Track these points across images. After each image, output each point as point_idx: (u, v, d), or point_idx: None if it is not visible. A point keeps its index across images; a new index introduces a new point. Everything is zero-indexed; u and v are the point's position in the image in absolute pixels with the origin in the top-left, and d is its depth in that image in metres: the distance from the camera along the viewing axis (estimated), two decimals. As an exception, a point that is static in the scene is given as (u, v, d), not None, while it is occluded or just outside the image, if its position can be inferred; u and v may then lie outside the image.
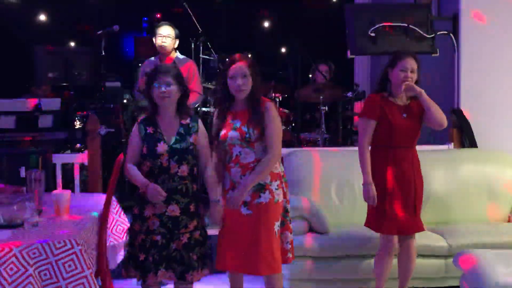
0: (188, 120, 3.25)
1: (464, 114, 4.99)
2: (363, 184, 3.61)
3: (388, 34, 4.85)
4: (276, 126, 3.26)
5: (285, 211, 3.34)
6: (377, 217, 3.66)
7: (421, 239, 3.79)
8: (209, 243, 3.33)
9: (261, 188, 3.22)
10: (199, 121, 3.31)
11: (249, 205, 3.22)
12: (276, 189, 3.26)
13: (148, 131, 3.18)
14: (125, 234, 3.41)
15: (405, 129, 3.59)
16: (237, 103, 3.30)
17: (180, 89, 3.21)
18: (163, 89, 3.13)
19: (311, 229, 4.06)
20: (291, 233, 3.39)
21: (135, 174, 3.15)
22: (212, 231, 3.44)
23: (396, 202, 3.59)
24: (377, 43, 4.83)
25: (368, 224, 3.73)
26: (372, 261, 3.82)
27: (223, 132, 3.26)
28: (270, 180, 3.25)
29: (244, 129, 3.22)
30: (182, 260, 3.15)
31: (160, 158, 3.13)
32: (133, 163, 3.19)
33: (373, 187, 3.59)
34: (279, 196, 3.27)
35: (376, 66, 7.13)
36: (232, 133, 3.23)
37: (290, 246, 3.36)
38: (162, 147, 3.14)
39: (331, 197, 4.38)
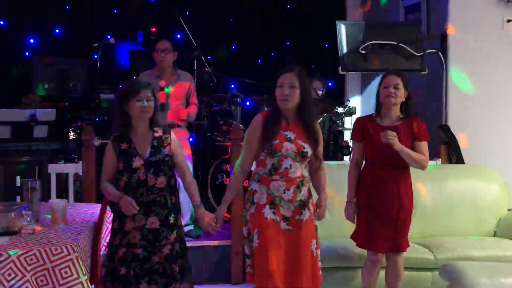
0: (160, 133, 3.26)
1: (451, 131, 5.10)
2: (346, 202, 3.73)
3: (378, 51, 4.97)
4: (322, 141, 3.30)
5: (316, 229, 3.31)
6: (358, 232, 3.75)
7: (408, 252, 3.84)
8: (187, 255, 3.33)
9: (302, 204, 3.21)
10: (171, 132, 3.31)
11: (289, 221, 3.17)
12: (311, 206, 3.26)
13: (122, 148, 3.18)
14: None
15: (389, 149, 3.59)
16: (288, 114, 3.22)
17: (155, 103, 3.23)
18: (145, 103, 3.13)
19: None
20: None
21: (109, 189, 3.16)
22: (190, 243, 3.40)
23: (377, 220, 3.66)
24: (367, 60, 4.95)
25: (352, 236, 3.81)
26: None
27: (276, 142, 3.16)
28: (308, 197, 3.25)
29: (301, 143, 3.17)
30: (164, 272, 3.16)
31: (137, 172, 3.14)
32: (108, 180, 3.20)
33: (353, 205, 3.70)
34: (313, 215, 3.26)
35: (367, 83, 7.26)
36: (287, 145, 3.16)
37: (320, 264, 3.31)
38: (138, 161, 3.14)
39: (321, 210, 4.45)
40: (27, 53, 7.55)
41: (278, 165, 3.15)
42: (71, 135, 6.04)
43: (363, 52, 4.93)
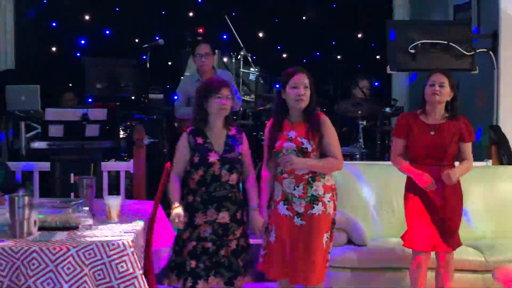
0: (234, 131, 3.40)
1: (502, 131, 5.01)
2: (415, 178, 3.64)
3: (428, 51, 4.92)
4: (334, 136, 3.35)
5: (333, 223, 3.38)
6: (407, 231, 3.75)
7: (458, 254, 3.81)
8: (250, 250, 3.43)
9: (315, 199, 3.28)
10: (243, 132, 3.46)
11: (303, 216, 3.28)
12: (328, 201, 3.31)
13: (198, 142, 3.31)
14: (169, 240, 3.55)
15: (432, 146, 3.63)
16: (293, 115, 3.36)
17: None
18: (224, 101, 3.27)
19: (349, 241, 4.14)
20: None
21: (173, 188, 3.29)
22: (254, 240, 3.52)
23: (423, 218, 3.64)
24: (416, 59, 4.90)
25: (402, 237, 3.81)
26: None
27: (278, 143, 3.32)
28: (323, 192, 3.31)
29: (300, 140, 3.28)
30: (230, 266, 3.28)
31: (212, 166, 3.27)
32: (179, 173, 3.34)
33: (426, 175, 3.60)
34: (330, 209, 3.32)
35: (414, 83, 7.18)
36: (287, 144, 3.29)
37: (329, 256, 3.41)
38: (213, 157, 3.28)
39: (369, 211, 4.45)
40: (78, 54, 7.75)
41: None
42: (121, 134, 6.17)
43: (412, 51, 4.89)
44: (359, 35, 8.24)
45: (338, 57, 7.58)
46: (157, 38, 6.40)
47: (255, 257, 3.46)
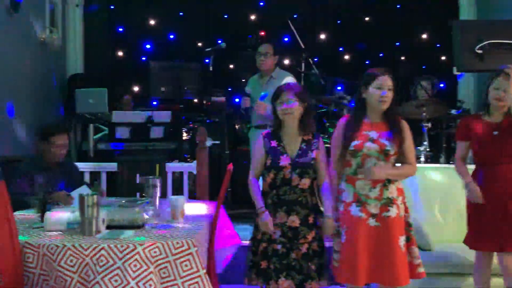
0: (310, 136, 3.40)
1: None
2: (465, 187, 3.62)
3: (495, 51, 4.77)
4: (412, 143, 3.35)
5: (409, 225, 3.34)
6: (470, 234, 3.67)
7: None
8: (327, 255, 3.42)
9: (390, 202, 3.26)
10: (320, 137, 3.44)
11: (377, 218, 3.24)
12: (400, 204, 3.30)
13: (272, 145, 3.36)
14: (231, 240, 3.60)
15: (496, 146, 3.58)
16: (373, 115, 3.34)
17: (302, 106, 3.35)
18: (284, 106, 3.31)
19: (413, 245, 4.06)
20: (417, 247, 3.36)
21: (256, 192, 3.35)
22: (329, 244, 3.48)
23: (489, 219, 3.56)
24: (484, 60, 4.77)
25: (465, 241, 3.72)
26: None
27: (357, 142, 3.27)
28: (397, 195, 3.29)
29: (383, 141, 3.26)
30: (301, 270, 3.30)
31: (283, 170, 3.30)
32: (256, 175, 3.40)
33: (475, 186, 3.56)
34: (402, 211, 3.30)
35: (481, 83, 6.97)
36: (369, 145, 3.25)
37: (419, 260, 3.33)
38: (285, 160, 3.31)
39: (434, 214, 4.36)
40: (143, 58, 7.94)
41: (361, 165, 3.25)
42: (185, 136, 6.29)
43: (479, 51, 4.76)
44: (424, 36, 8.07)
45: (402, 58, 7.45)
46: (219, 41, 6.47)
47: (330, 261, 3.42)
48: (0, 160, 4.56)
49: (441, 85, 7.20)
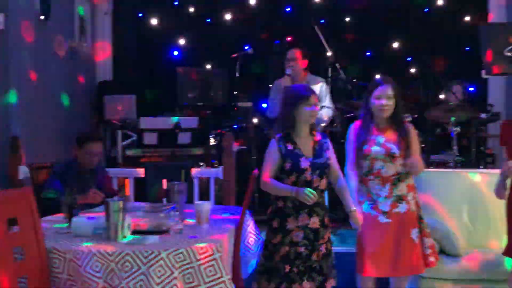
0: (319, 136, 3.43)
1: None
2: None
3: (525, 53, 4.69)
4: (418, 144, 3.61)
5: (420, 218, 3.58)
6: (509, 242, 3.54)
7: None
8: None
9: (399, 198, 3.52)
10: (327, 137, 3.53)
11: (388, 214, 3.49)
12: (411, 199, 3.54)
13: (288, 148, 3.35)
14: (256, 246, 3.59)
15: None
16: (379, 120, 3.57)
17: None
18: (313, 108, 3.33)
19: (442, 251, 4.00)
20: (429, 238, 3.59)
21: (278, 184, 3.34)
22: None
23: None
24: (514, 63, 4.69)
25: (506, 253, 3.57)
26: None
27: (366, 147, 3.52)
28: (407, 191, 3.54)
29: (389, 145, 3.51)
30: (321, 270, 3.33)
31: (304, 172, 3.31)
32: (271, 178, 3.37)
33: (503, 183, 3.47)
34: (414, 206, 3.54)
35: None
36: (376, 148, 3.51)
37: (430, 250, 3.55)
38: (305, 162, 3.32)
39: (463, 220, 4.30)
40: (171, 64, 7.97)
41: (371, 167, 3.51)
42: (212, 142, 6.31)
43: (509, 54, 4.69)
44: (453, 39, 7.96)
45: (431, 61, 7.35)
46: (246, 47, 6.49)
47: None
48: (29, 167, 4.64)
49: (471, 88, 7.09)
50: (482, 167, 6.01)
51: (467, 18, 7.76)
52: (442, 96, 6.67)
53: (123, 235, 2.85)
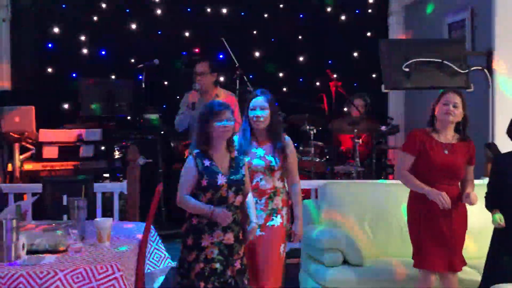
0: (235, 153, 3.41)
1: (498, 149, 4.98)
2: (428, 195, 3.53)
3: (422, 69, 4.91)
4: (295, 157, 3.72)
5: (286, 234, 3.64)
6: (415, 253, 3.68)
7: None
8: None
9: (274, 212, 3.59)
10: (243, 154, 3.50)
11: (262, 227, 3.53)
12: (285, 214, 3.62)
13: (205, 164, 3.30)
14: (162, 262, 3.52)
15: (446, 166, 3.60)
16: (260, 133, 3.61)
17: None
18: (225, 123, 3.28)
19: (344, 261, 4.09)
20: None
21: (195, 202, 3.28)
22: None
23: (430, 238, 3.59)
24: (411, 78, 4.89)
25: (413, 257, 3.71)
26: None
27: (248, 159, 3.52)
28: (282, 206, 3.61)
29: (269, 158, 3.56)
30: (236, 286, 3.30)
31: (220, 189, 3.27)
32: (188, 195, 3.31)
33: (435, 191, 3.52)
34: (286, 221, 3.62)
35: (410, 101, 7.17)
36: (257, 161, 3.56)
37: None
38: (221, 179, 3.28)
39: (365, 230, 4.41)
40: (73, 75, 7.73)
41: (251, 179, 3.54)
42: (117, 155, 6.15)
43: (407, 69, 4.88)
44: (355, 54, 8.24)
45: (334, 75, 7.56)
46: (152, 58, 6.38)
47: None
48: None
49: (371, 102, 7.33)
50: (383, 177, 6.23)
51: (369, 34, 8.06)
52: (345, 109, 6.87)
53: (17, 256, 2.70)
